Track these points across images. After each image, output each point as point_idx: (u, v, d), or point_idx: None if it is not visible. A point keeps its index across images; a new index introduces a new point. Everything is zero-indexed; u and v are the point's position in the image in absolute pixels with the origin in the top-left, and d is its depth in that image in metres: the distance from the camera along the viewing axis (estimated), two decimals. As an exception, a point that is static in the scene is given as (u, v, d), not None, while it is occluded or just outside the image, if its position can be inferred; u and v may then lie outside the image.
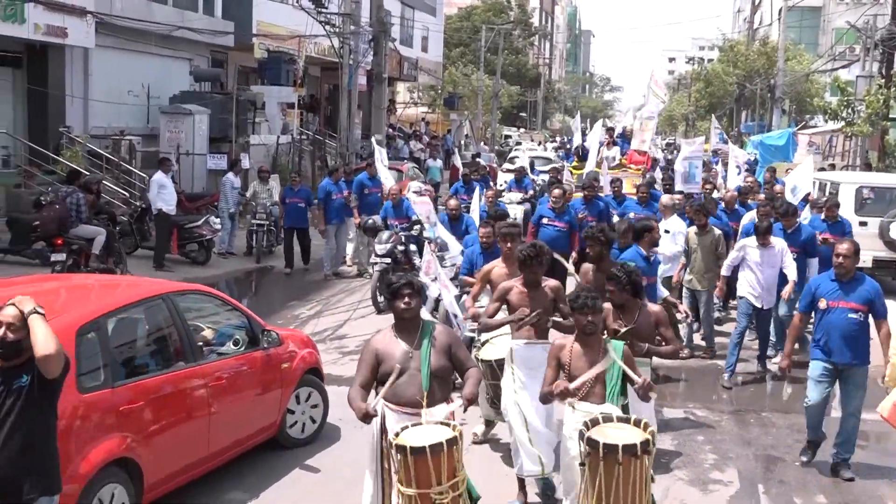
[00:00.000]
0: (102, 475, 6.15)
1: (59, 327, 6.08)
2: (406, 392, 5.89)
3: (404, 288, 5.97)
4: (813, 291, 8.39)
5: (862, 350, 8.15)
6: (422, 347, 5.95)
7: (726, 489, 7.97)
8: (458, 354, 6.14)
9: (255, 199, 19.06)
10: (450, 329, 6.40)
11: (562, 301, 7.63)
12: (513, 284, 7.68)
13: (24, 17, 19.53)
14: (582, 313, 6.19)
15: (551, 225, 13.65)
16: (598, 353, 6.18)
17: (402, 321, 6.05)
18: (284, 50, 30.82)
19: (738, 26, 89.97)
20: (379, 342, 6.08)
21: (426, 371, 5.90)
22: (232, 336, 7.89)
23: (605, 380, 6.12)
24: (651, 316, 7.60)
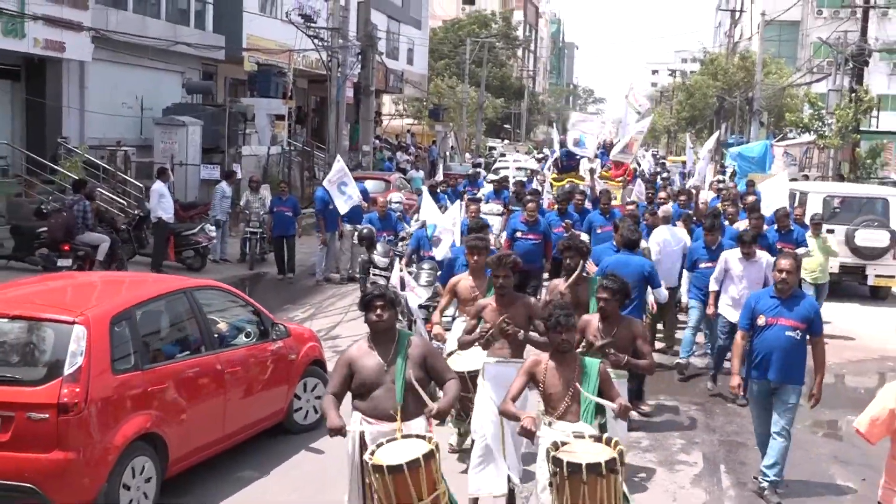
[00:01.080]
0: (133, 448, 6.89)
1: (95, 316, 6.87)
2: (381, 405, 5.90)
3: (376, 300, 5.96)
4: (752, 307, 8.13)
5: (798, 369, 7.96)
6: (396, 360, 5.94)
7: (691, 469, 8.77)
8: (435, 365, 6.12)
9: (247, 208, 19.71)
10: (425, 340, 6.37)
11: (536, 317, 7.56)
12: (488, 302, 7.69)
13: (24, 31, 20.20)
14: (555, 331, 6.16)
15: (525, 238, 13.79)
16: (573, 371, 6.15)
17: (376, 333, 6.03)
18: (274, 63, 31.54)
19: (718, 40, 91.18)
20: (354, 353, 6.08)
21: (400, 384, 5.88)
22: (244, 328, 8.65)
23: (580, 398, 6.08)
24: (630, 329, 7.65)
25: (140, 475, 6.98)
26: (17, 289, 8.21)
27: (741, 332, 8.25)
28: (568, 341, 6.16)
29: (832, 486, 8.57)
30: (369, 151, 34.03)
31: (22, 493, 6.53)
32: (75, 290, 8.14)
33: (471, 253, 8.71)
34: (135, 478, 6.93)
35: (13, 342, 7.03)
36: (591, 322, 7.75)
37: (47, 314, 6.96)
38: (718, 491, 8.27)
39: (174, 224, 18.40)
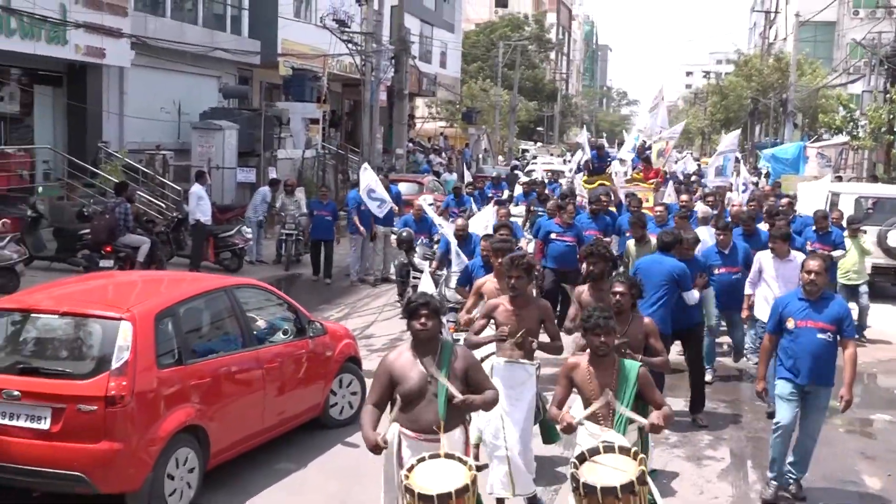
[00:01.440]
0: (177, 440, 7.19)
1: (141, 312, 7.17)
2: (422, 418, 5.76)
3: (421, 308, 5.80)
4: (780, 311, 7.93)
5: (828, 371, 7.80)
6: (441, 368, 5.81)
7: (718, 464, 8.95)
8: (476, 378, 5.96)
9: (283, 211, 20.07)
10: (468, 352, 6.16)
11: (549, 321, 7.60)
12: (500, 302, 7.59)
13: (66, 38, 20.69)
14: (594, 334, 6.06)
15: (559, 240, 13.99)
16: (611, 375, 6.09)
17: (419, 342, 5.89)
18: (308, 67, 31.93)
19: (753, 41, 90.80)
20: (395, 361, 5.90)
21: (443, 399, 5.74)
22: (282, 326, 8.92)
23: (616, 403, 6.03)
24: (642, 326, 7.58)
25: (183, 466, 7.28)
26: (64, 287, 8.57)
27: (768, 336, 8.06)
28: (606, 344, 6.06)
29: (858, 482, 8.68)
30: (402, 154, 34.35)
31: (71, 481, 6.85)
32: (121, 288, 8.47)
33: (495, 254, 8.63)
34: (178, 468, 7.22)
35: (63, 338, 7.36)
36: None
37: (95, 311, 7.27)
38: (745, 485, 8.43)
39: (212, 226, 18.77)
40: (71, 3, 20.45)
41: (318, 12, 32.04)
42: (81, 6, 20.75)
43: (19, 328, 7.50)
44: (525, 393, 7.46)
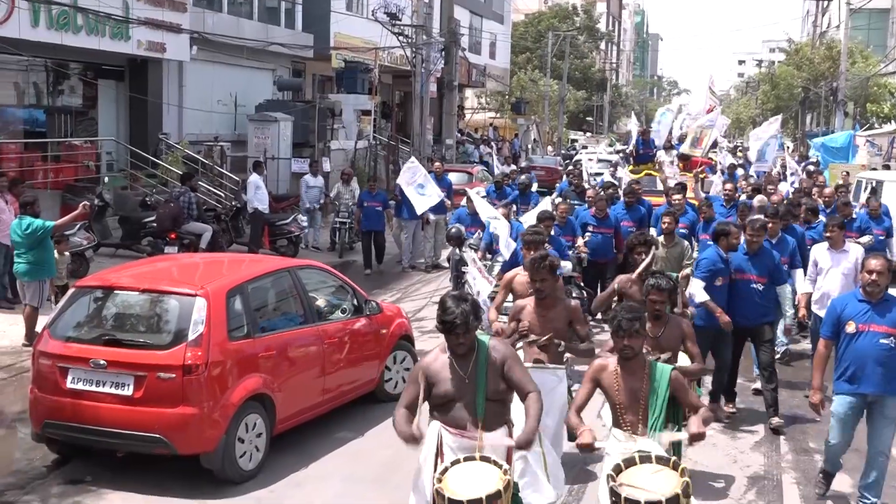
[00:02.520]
0: (246, 406, 7.84)
1: (214, 290, 7.82)
2: (462, 418, 5.59)
3: (457, 328, 5.47)
4: (838, 313, 7.31)
5: (895, 379, 7.17)
6: (477, 373, 5.58)
7: (752, 436, 9.42)
8: (514, 375, 5.65)
9: (338, 199, 20.71)
10: (506, 346, 5.86)
11: (579, 322, 7.36)
12: (526, 303, 7.39)
13: (129, 34, 21.52)
14: (618, 336, 5.81)
15: (597, 232, 14.00)
16: (641, 379, 5.83)
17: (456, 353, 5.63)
18: (360, 60, 32.60)
19: (806, 29, 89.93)
20: (431, 364, 5.67)
21: (482, 399, 5.55)
22: (340, 305, 9.55)
23: (647, 408, 5.80)
24: (678, 328, 7.27)
25: (252, 430, 7.93)
26: (141, 267, 9.28)
27: (824, 341, 7.39)
28: (630, 347, 5.77)
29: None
30: (452, 145, 34.91)
31: (152, 443, 7.54)
32: (194, 268, 9.15)
33: (527, 248, 8.50)
34: (248, 432, 7.88)
35: (143, 312, 8.05)
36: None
37: (173, 288, 7.96)
38: (776, 455, 8.88)
39: (269, 214, 19.48)
40: (133, 0, 21.27)
41: (370, 6, 32.69)
42: (143, 3, 21.54)
43: (102, 304, 8.20)
44: (555, 400, 7.17)
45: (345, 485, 7.95)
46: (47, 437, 8.02)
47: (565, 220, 13.61)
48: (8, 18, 17.84)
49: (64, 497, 7.53)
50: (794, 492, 8.09)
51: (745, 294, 9.56)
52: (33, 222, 11.74)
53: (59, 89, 22.73)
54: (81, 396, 7.61)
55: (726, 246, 9.62)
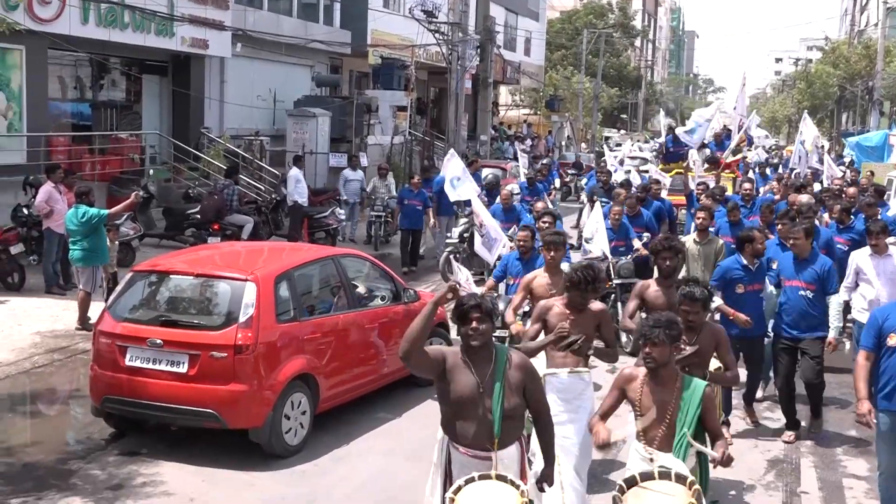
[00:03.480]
0: (292, 385, 8.34)
1: (263, 275, 8.31)
2: (474, 433, 5.18)
3: (473, 311, 5.13)
4: (880, 324, 6.75)
5: None
6: (494, 384, 5.17)
7: (773, 424, 9.77)
8: (534, 392, 5.38)
9: (374, 194, 21.19)
10: (525, 359, 5.44)
11: (606, 325, 7.04)
12: (553, 303, 7.03)
13: (174, 31, 22.15)
14: (642, 344, 5.55)
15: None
16: (671, 392, 5.51)
17: (471, 348, 5.20)
18: (396, 56, 33.08)
19: (845, 27, 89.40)
20: (449, 356, 5.28)
21: (498, 413, 5.14)
22: (380, 292, 10.03)
23: (675, 424, 5.48)
24: (712, 336, 6.87)
25: (297, 408, 8.43)
26: (191, 254, 9.80)
27: (865, 353, 6.78)
28: (651, 357, 5.45)
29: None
30: (486, 141, 35.29)
31: (205, 417, 8.06)
32: (244, 255, 9.66)
33: (547, 249, 8.21)
34: (293, 410, 8.38)
35: (196, 296, 8.58)
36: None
37: (225, 273, 8.47)
38: (797, 441, 9.24)
39: (308, 207, 20.01)
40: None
41: (407, 3, 33.17)
42: (187, 0, 22.16)
43: (158, 287, 8.74)
44: (584, 404, 6.93)
45: (384, 460, 8.43)
46: (106, 411, 8.56)
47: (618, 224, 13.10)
48: (59, 16, 18.51)
49: (121, 466, 8.05)
50: (811, 474, 8.47)
51: (793, 302, 9.15)
52: (88, 210, 12.31)
53: (104, 84, 23.43)
54: (139, 373, 8.14)
55: (752, 252, 9.33)
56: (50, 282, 14.27)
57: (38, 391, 10.42)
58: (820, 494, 8.07)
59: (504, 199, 15.60)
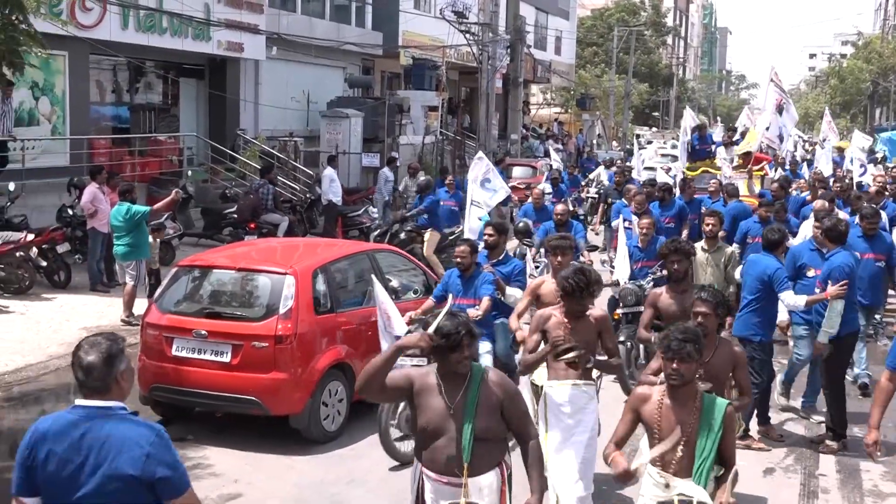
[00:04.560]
0: (330, 374, 8.78)
1: (301, 269, 8.73)
2: (443, 458, 4.82)
3: (465, 338, 4.82)
4: None
5: None
6: (466, 402, 4.81)
7: (789, 413, 10.04)
8: (513, 414, 4.93)
9: (406, 193, 21.61)
10: (504, 379, 5.04)
11: (608, 334, 6.72)
12: (551, 312, 6.71)
13: (210, 35, 22.69)
14: (666, 359, 5.05)
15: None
16: (691, 412, 5.05)
17: (455, 373, 4.88)
18: (427, 57, 33.48)
19: (878, 23, 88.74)
20: (417, 378, 4.95)
21: (468, 436, 4.76)
22: (413, 286, 10.42)
23: (694, 446, 5.02)
24: (729, 354, 6.31)
25: (335, 396, 8.86)
26: (232, 250, 10.25)
27: (888, 373, 6.12)
28: (679, 373, 5.00)
29: None
30: (517, 140, 35.63)
31: (247, 404, 8.52)
32: (282, 250, 10.11)
33: (554, 253, 7.92)
34: (331, 397, 8.81)
35: (239, 289, 9.02)
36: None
37: (265, 267, 8.92)
38: (816, 428, 9.52)
39: (342, 206, 20.46)
40: (214, 3, 22.41)
41: (438, 4, 33.56)
42: (223, 5, 22.71)
43: (201, 281, 9.20)
44: (585, 418, 6.60)
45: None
46: (154, 399, 9.03)
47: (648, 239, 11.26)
48: (100, 22, 19.08)
49: (169, 452, 8.48)
50: (829, 458, 8.76)
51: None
52: (132, 207, 12.85)
53: (142, 87, 24.01)
54: (185, 363, 8.59)
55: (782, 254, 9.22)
56: (94, 279, 14.81)
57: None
58: (837, 477, 8.38)
59: (535, 199, 15.44)
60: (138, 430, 3.88)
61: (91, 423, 3.86)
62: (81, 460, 3.81)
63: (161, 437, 3.90)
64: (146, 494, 3.86)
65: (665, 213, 14.38)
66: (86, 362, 3.90)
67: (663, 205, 14.64)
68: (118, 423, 3.88)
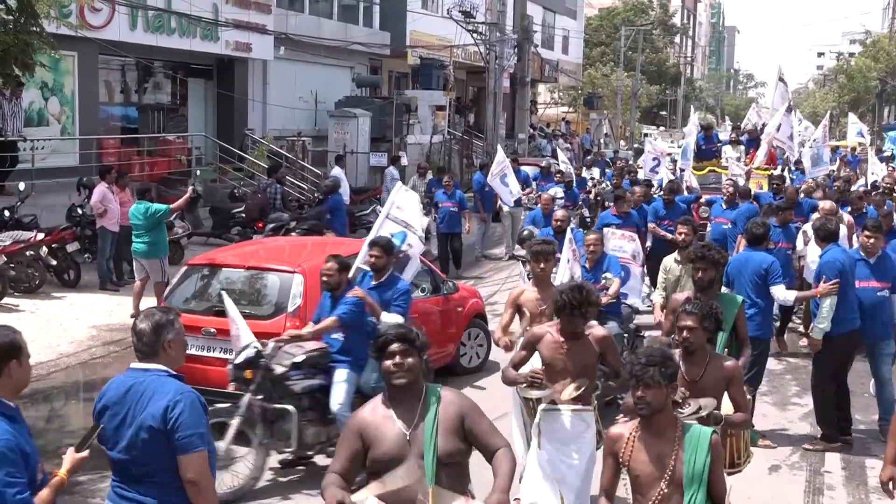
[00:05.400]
0: (336, 370, 8.76)
1: (309, 267, 8.78)
2: (405, 490, 4.32)
3: (391, 343, 4.42)
4: None
5: None
6: (424, 425, 4.37)
7: (801, 409, 10.15)
8: (477, 429, 4.47)
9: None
10: (463, 398, 4.64)
11: (611, 354, 6.18)
12: (545, 332, 6.14)
13: (218, 35, 22.80)
14: (633, 388, 4.57)
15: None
16: (671, 443, 4.56)
17: (394, 389, 4.44)
18: (435, 57, 33.56)
19: (887, 21, 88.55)
20: (366, 418, 4.47)
21: (430, 460, 4.33)
22: (420, 284, 10.48)
23: (682, 483, 4.51)
24: (722, 369, 5.81)
25: (342, 393, 8.87)
26: (240, 249, 10.32)
27: None
28: (646, 402, 4.51)
29: None
30: (524, 139, 35.67)
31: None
32: (290, 249, 10.18)
33: (536, 260, 7.39)
34: (338, 394, 8.81)
35: (248, 287, 9.10)
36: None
37: (274, 265, 9.00)
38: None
39: (349, 206, 20.50)
40: (222, 3, 22.52)
41: (445, 4, 33.62)
42: (231, 5, 22.83)
43: (211, 280, 9.28)
44: (583, 448, 6.12)
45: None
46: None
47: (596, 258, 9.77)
48: (109, 22, 19.18)
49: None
50: (835, 455, 8.81)
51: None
52: (152, 206, 12.98)
53: (151, 87, 24.13)
54: (194, 360, 8.58)
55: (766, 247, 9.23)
56: (104, 278, 14.90)
57: (96, 379, 10.99)
58: (843, 474, 8.43)
59: (544, 205, 14.75)
60: (169, 387, 4.31)
61: (135, 382, 4.37)
62: (124, 414, 4.32)
63: (186, 396, 4.29)
64: (169, 448, 4.25)
65: (668, 216, 13.96)
66: (138, 328, 4.45)
67: (667, 207, 14.29)
68: (156, 381, 4.33)
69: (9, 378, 4.18)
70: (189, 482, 4.26)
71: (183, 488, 4.28)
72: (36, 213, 15.60)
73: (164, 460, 4.27)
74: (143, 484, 4.34)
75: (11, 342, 4.22)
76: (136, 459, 4.31)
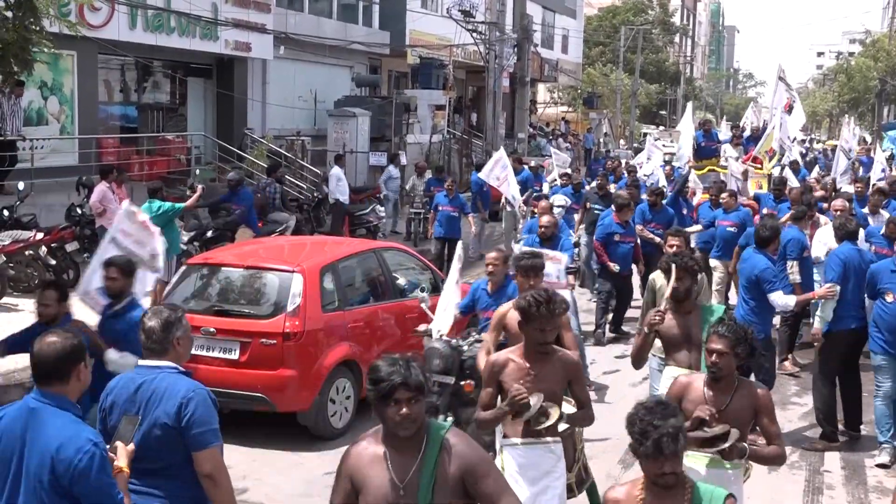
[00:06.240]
0: (337, 371, 8.87)
1: (309, 267, 8.80)
2: None
3: (398, 390, 3.73)
4: None
5: None
6: (421, 477, 3.80)
7: (801, 408, 10.19)
8: (482, 490, 3.86)
9: (413, 192, 21.66)
10: (472, 447, 3.96)
11: (578, 383, 5.55)
12: (506, 359, 5.47)
13: (218, 34, 22.78)
14: (653, 460, 3.81)
15: (624, 242, 12.76)
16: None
17: (396, 437, 3.85)
18: (434, 56, 33.54)
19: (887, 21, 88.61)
20: (358, 459, 3.93)
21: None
22: (420, 283, 10.46)
23: None
24: (751, 397, 5.28)
25: (342, 393, 8.95)
26: (239, 248, 10.32)
27: None
28: (674, 474, 3.84)
29: None
30: (524, 139, 35.65)
31: (256, 401, 8.59)
32: (290, 248, 10.19)
33: (525, 275, 6.96)
34: (338, 394, 8.90)
35: (246, 286, 9.10)
36: (691, 386, 5.35)
37: (273, 265, 9.01)
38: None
39: (349, 205, 20.52)
40: (221, 2, 22.50)
41: (444, 4, 33.60)
42: (231, 5, 22.81)
43: (210, 279, 9.29)
44: (553, 484, 5.54)
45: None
46: (162, 396, 9.08)
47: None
48: (109, 22, 19.17)
49: (178, 448, 8.57)
50: (834, 454, 8.82)
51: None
52: (164, 204, 12.98)
53: (150, 87, 24.12)
54: (193, 360, 8.46)
55: (774, 251, 9.04)
56: (103, 278, 14.86)
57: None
58: (842, 473, 8.44)
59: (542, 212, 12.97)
60: (181, 385, 4.40)
61: (145, 379, 4.43)
62: (135, 411, 4.38)
63: (199, 393, 4.40)
64: (181, 444, 4.35)
65: (654, 219, 13.65)
66: (147, 326, 4.52)
67: (654, 210, 13.85)
68: (167, 378, 4.41)
69: (77, 381, 4.14)
70: (206, 477, 4.35)
71: (194, 480, 4.37)
72: (35, 212, 15.58)
73: (176, 455, 4.38)
74: (155, 477, 4.43)
75: (81, 344, 4.18)
76: (148, 455, 4.36)
